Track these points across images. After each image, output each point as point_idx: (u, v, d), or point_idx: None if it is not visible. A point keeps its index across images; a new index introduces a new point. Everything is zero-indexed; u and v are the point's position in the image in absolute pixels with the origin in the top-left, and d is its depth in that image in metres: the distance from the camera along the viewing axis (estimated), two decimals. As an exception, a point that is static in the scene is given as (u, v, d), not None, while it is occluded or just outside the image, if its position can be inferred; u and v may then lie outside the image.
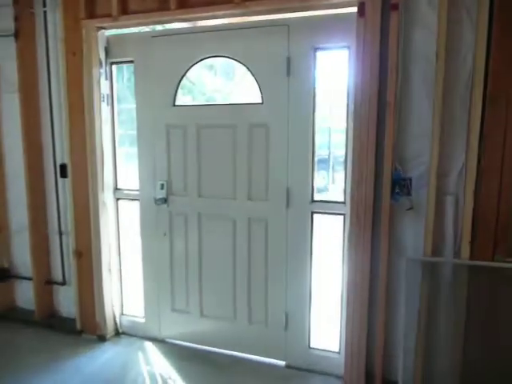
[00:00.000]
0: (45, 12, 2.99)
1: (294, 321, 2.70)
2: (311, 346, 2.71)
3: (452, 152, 2.18)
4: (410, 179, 2.23)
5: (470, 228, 2.15)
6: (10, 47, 3.06)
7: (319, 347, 2.71)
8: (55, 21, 2.96)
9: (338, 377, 2.58)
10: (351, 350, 2.45)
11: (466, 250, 2.17)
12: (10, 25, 3.01)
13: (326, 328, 2.86)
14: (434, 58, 2.11)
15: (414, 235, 2.30)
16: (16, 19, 2.98)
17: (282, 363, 2.76)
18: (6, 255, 3.43)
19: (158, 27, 2.87)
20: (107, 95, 2.94)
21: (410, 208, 2.26)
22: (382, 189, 2.27)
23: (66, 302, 3.29)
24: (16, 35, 3.00)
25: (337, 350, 2.65)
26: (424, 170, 2.23)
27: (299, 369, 2.71)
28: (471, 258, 2.17)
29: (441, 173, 2.19)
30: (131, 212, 3.19)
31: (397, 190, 2.24)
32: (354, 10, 2.23)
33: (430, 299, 2.27)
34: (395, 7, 2.12)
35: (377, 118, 2.23)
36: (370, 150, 2.25)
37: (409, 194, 2.24)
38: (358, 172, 2.30)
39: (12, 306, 3.48)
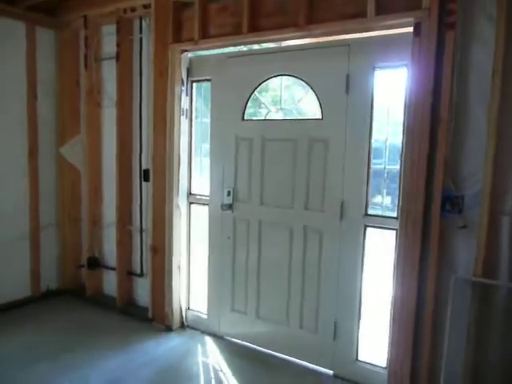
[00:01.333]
0: (140, 38, 3.48)
1: (343, 331, 2.75)
2: (359, 358, 2.74)
3: (509, 171, 2.11)
4: (463, 197, 2.20)
5: (525, 250, 2.06)
6: (112, 69, 3.59)
7: (367, 360, 2.73)
8: (148, 45, 3.42)
9: (383, 392, 2.57)
10: (395, 368, 2.44)
11: (521, 274, 2.08)
12: (112, 50, 3.54)
13: (375, 342, 2.85)
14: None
15: (467, 254, 2.24)
16: (118, 45, 3.49)
17: (330, 372, 2.81)
18: (97, 247, 3.94)
19: (233, 49, 3.16)
20: (187, 110, 3.30)
21: (464, 226, 2.22)
22: (433, 205, 2.26)
23: (142, 292, 3.69)
24: (117, 58, 3.51)
25: (384, 365, 2.64)
26: (480, 188, 2.18)
27: (346, 380, 2.74)
28: (527, 282, 2.07)
29: (497, 192, 2.13)
30: (202, 215, 3.49)
31: (447, 208, 2.22)
32: (411, 29, 2.29)
33: (479, 321, 2.19)
34: (452, 26, 2.15)
35: (430, 134, 2.25)
36: (422, 166, 2.27)
37: (460, 211, 2.20)
38: (408, 187, 2.33)
39: (99, 292, 3.99)
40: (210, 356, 3.02)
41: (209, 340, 3.26)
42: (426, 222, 2.31)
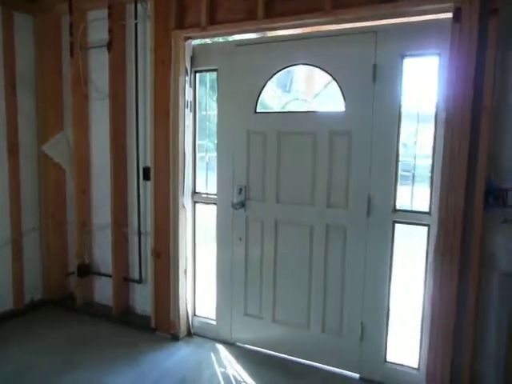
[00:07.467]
0: (136, 24, 3.18)
1: (371, 332, 2.64)
2: (388, 359, 2.63)
3: (555, 162, 2.06)
4: (507, 190, 2.13)
5: None
6: (101, 58, 3.29)
7: (396, 361, 2.62)
8: (145, 32, 3.15)
9: (417, 394, 2.48)
10: (434, 369, 2.35)
11: None
12: (102, 37, 3.23)
13: (404, 342, 2.76)
14: (537, 64, 2.02)
15: (509, 250, 2.18)
16: (109, 31, 3.18)
17: (356, 375, 2.70)
18: (87, 252, 3.62)
19: (244, 36, 2.94)
20: (190, 102, 3.06)
21: (505, 221, 2.15)
22: (475, 199, 2.17)
23: (141, 299, 3.42)
24: (109, 46, 3.20)
25: (416, 365, 2.55)
26: (523, 180, 2.12)
27: (375, 382, 2.63)
28: None
29: (541, 184, 2.08)
30: (207, 215, 3.27)
31: (490, 201, 2.14)
32: (447, 15, 2.19)
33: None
34: (495, 12, 2.06)
35: (470, 125, 2.16)
36: (462, 158, 2.18)
37: (504, 205, 2.13)
38: (447, 182, 2.23)
39: (90, 301, 3.68)
40: (227, 365, 2.81)
41: (221, 348, 3.05)
42: (466, 217, 2.22)
